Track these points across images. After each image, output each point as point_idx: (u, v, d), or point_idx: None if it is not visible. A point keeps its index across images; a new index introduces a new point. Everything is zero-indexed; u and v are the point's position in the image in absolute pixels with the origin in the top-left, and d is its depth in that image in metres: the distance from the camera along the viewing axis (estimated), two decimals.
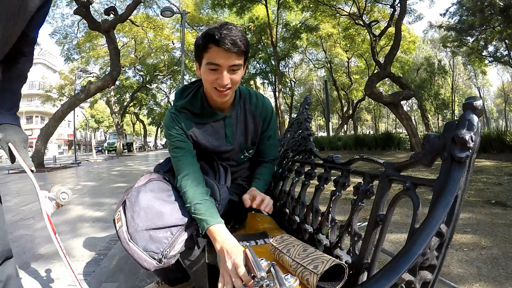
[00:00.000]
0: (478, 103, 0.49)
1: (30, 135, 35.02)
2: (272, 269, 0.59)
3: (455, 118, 0.57)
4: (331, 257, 0.62)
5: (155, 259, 0.85)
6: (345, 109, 26.58)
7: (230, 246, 0.76)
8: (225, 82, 0.88)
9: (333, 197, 0.85)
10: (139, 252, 0.86)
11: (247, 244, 0.73)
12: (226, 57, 0.85)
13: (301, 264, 0.64)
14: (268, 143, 1.15)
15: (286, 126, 3.64)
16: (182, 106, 1.01)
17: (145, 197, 0.90)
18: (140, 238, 0.86)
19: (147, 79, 23.79)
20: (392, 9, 11.42)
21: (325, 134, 23.70)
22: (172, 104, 1.09)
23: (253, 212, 1.30)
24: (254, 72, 22.13)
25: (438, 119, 33.53)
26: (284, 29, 19.57)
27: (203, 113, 1.02)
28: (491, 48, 16.50)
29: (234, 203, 1.11)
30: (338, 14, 15.43)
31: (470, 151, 0.49)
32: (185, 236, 0.89)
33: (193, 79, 1.16)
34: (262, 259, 0.64)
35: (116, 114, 22.07)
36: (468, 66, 28.49)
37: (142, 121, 32.46)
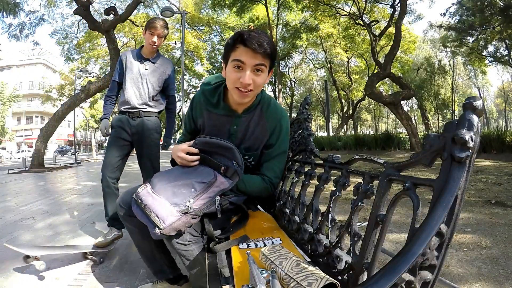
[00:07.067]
0: (478, 103, 0.49)
1: (30, 135, 35.06)
2: (270, 282, 0.60)
3: (455, 118, 0.57)
4: (325, 274, 0.62)
5: (178, 210, 0.86)
6: (345, 109, 26.56)
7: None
8: (248, 81, 0.91)
9: (333, 197, 0.85)
10: (162, 200, 0.86)
11: (249, 252, 0.74)
12: (251, 57, 0.90)
13: (294, 279, 0.63)
14: (271, 158, 1.10)
15: None
16: (204, 91, 1.12)
17: (168, 174, 0.98)
18: (163, 192, 0.89)
19: None
20: (392, 9, 11.40)
21: (325, 134, 23.68)
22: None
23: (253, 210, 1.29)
24: None
25: (438, 119, 33.49)
26: (284, 29, 19.57)
27: (217, 105, 1.08)
28: (491, 48, 16.50)
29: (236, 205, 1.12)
30: (338, 14, 15.41)
31: (470, 151, 0.49)
32: (209, 193, 0.91)
33: (193, 80, 1.23)
34: (263, 270, 0.65)
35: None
36: (468, 66, 28.47)
37: None
